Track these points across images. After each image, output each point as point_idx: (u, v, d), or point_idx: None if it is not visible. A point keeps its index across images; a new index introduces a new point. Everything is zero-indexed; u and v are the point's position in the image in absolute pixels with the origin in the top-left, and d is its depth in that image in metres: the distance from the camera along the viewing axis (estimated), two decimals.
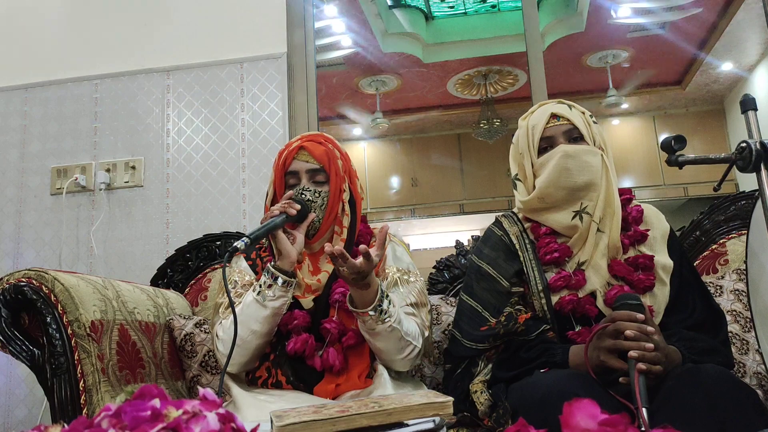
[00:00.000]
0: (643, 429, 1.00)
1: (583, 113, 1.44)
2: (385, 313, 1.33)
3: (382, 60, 5.01)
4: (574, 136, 1.40)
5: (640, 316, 1.14)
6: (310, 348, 1.39)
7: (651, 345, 1.10)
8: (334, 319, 1.42)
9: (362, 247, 1.25)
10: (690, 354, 1.22)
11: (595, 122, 1.45)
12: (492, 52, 5.09)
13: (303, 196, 1.45)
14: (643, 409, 1.03)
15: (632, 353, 1.10)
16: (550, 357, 1.27)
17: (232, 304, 1.24)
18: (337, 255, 1.25)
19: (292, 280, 1.38)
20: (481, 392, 1.32)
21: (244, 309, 1.37)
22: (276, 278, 1.36)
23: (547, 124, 1.41)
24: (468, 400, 1.35)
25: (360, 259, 1.26)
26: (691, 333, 1.30)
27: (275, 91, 2.45)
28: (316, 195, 1.46)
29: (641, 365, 1.08)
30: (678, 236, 1.81)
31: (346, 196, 1.49)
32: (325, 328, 1.41)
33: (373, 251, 1.27)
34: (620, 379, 1.12)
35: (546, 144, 1.42)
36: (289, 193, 1.45)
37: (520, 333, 1.32)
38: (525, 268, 1.42)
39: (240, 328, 1.36)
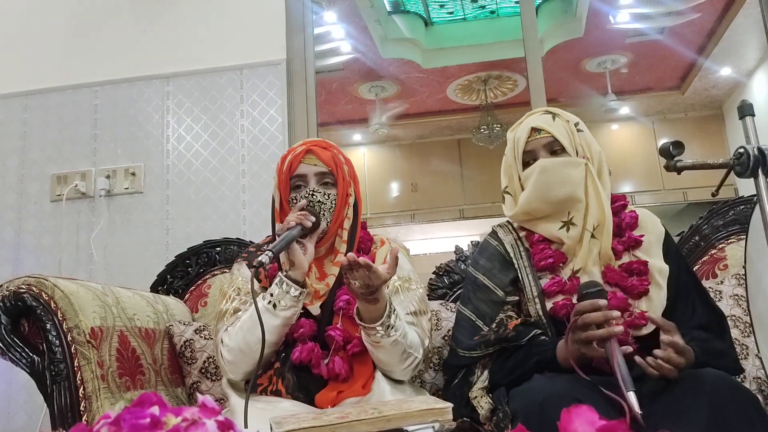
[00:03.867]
0: (638, 411, 1.01)
1: (567, 122, 1.44)
2: (392, 328, 1.33)
3: (382, 66, 5.02)
4: (555, 148, 1.42)
5: (602, 302, 1.16)
6: (316, 357, 1.38)
7: (620, 328, 1.14)
8: (338, 326, 1.41)
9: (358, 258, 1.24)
10: (703, 355, 1.22)
11: (580, 131, 1.44)
12: (491, 58, 5.09)
13: (314, 197, 1.46)
14: (631, 393, 1.04)
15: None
16: (542, 355, 1.28)
17: (258, 313, 1.22)
18: (353, 264, 1.23)
19: (305, 290, 1.39)
20: (482, 397, 1.33)
21: (253, 316, 1.35)
22: (288, 288, 1.37)
23: (528, 137, 1.44)
24: (468, 405, 1.36)
25: (384, 266, 1.26)
26: (703, 333, 1.30)
27: (275, 98, 2.46)
28: (326, 197, 1.47)
29: (618, 346, 1.12)
30: (677, 241, 1.81)
31: (351, 200, 1.50)
32: (330, 336, 1.40)
33: (383, 267, 1.27)
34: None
35: (529, 158, 1.44)
36: (302, 203, 1.45)
37: (510, 339, 1.33)
38: (520, 275, 1.44)
39: (248, 335, 1.36)
